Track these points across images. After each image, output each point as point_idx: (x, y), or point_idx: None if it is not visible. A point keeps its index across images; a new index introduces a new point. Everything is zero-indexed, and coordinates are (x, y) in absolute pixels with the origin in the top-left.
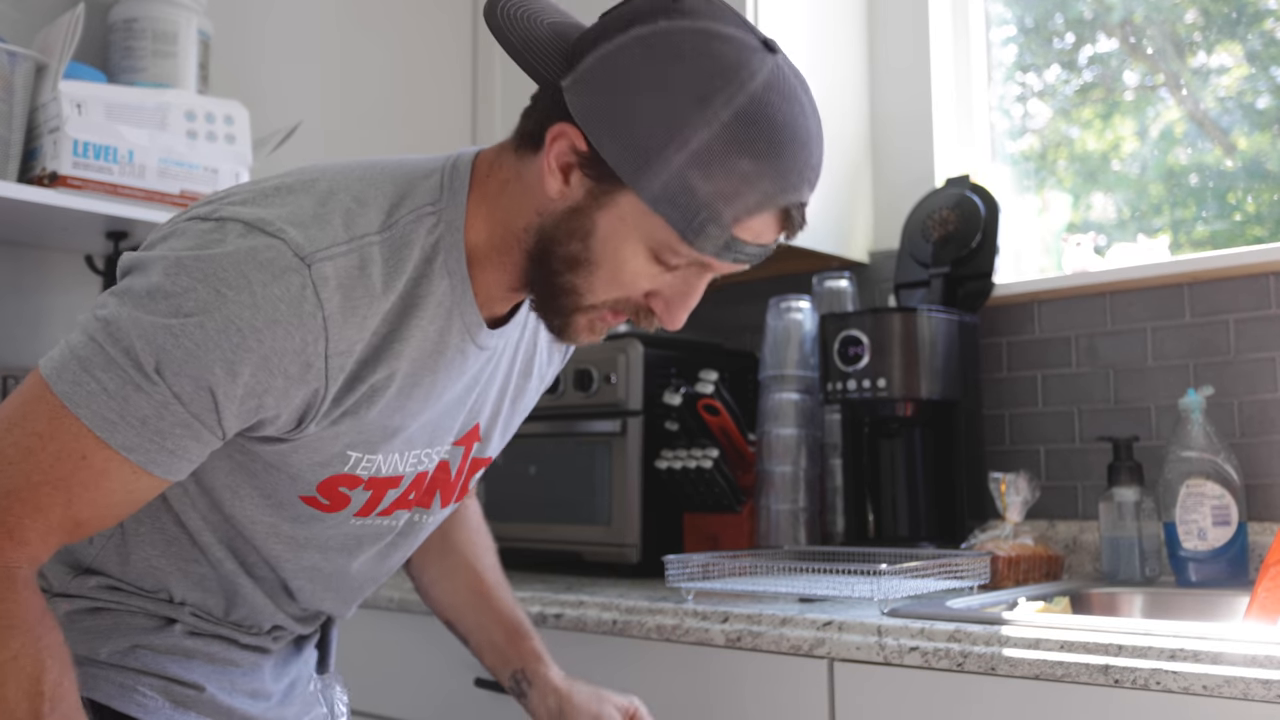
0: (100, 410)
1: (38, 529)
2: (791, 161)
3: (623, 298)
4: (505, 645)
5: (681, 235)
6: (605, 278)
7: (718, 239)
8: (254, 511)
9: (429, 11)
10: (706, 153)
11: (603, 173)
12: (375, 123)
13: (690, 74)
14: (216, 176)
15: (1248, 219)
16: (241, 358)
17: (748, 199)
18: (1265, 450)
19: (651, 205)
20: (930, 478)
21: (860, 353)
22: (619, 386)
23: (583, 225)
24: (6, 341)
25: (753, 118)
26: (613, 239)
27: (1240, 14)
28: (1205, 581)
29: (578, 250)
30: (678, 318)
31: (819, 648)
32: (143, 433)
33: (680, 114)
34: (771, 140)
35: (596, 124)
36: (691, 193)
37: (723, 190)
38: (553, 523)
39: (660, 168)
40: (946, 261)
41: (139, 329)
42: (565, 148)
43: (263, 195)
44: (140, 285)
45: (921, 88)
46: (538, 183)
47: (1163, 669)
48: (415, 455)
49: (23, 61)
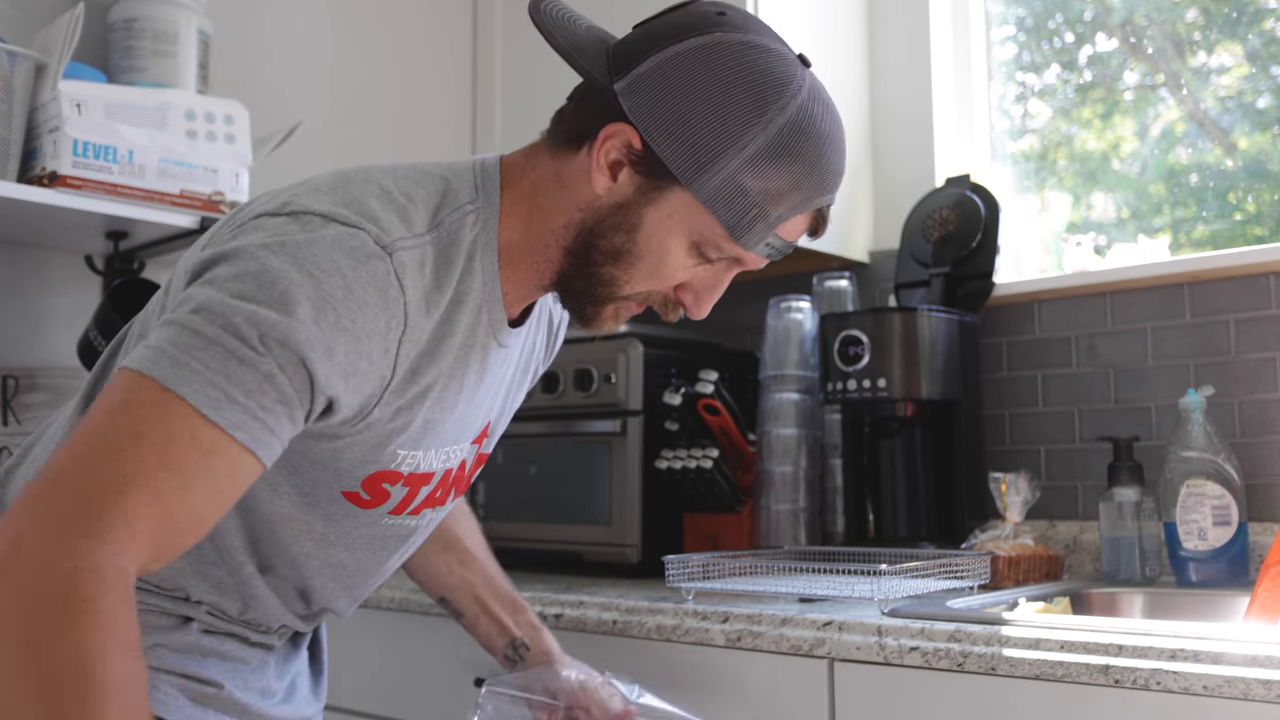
0: (205, 389)
1: (153, 521)
2: (830, 164)
3: (657, 290)
4: (504, 616)
5: (731, 232)
6: (646, 270)
7: (762, 236)
8: (289, 509)
9: (429, 12)
10: (761, 158)
11: (655, 170)
12: (375, 123)
13: (747, 85)
14: (216, 176)
15: (1248, 219)
16: (337, 337)
17: (793, 199)
18: (1265, 450)
19: (706, 203)
20: (930, 478)
21: (860, 353)
22: (619, 386)
23: (629, 220)
24: (6, 341)
25: (801, 126)
26: (659, 233)
27: (1240, 14)
28: (1205, 581)
29: (622, 243)
30: (705, 308)
31: (819, 648)
32: (247, 409)
33: (739, 120)
34: (815, 146)
35: (655, 125)
36: (744, 193)
37: (772, 192)
38: (553, 523)
39: (718, 169)
40: (946, 261)
41: (236, 308)
42: (618, 146)
43: (325, 191)
44: (228, 273)
45: (921, 87)
46: (579, 180)
47: (1163, 669)
48: (446, 452)
49: (22, 61)
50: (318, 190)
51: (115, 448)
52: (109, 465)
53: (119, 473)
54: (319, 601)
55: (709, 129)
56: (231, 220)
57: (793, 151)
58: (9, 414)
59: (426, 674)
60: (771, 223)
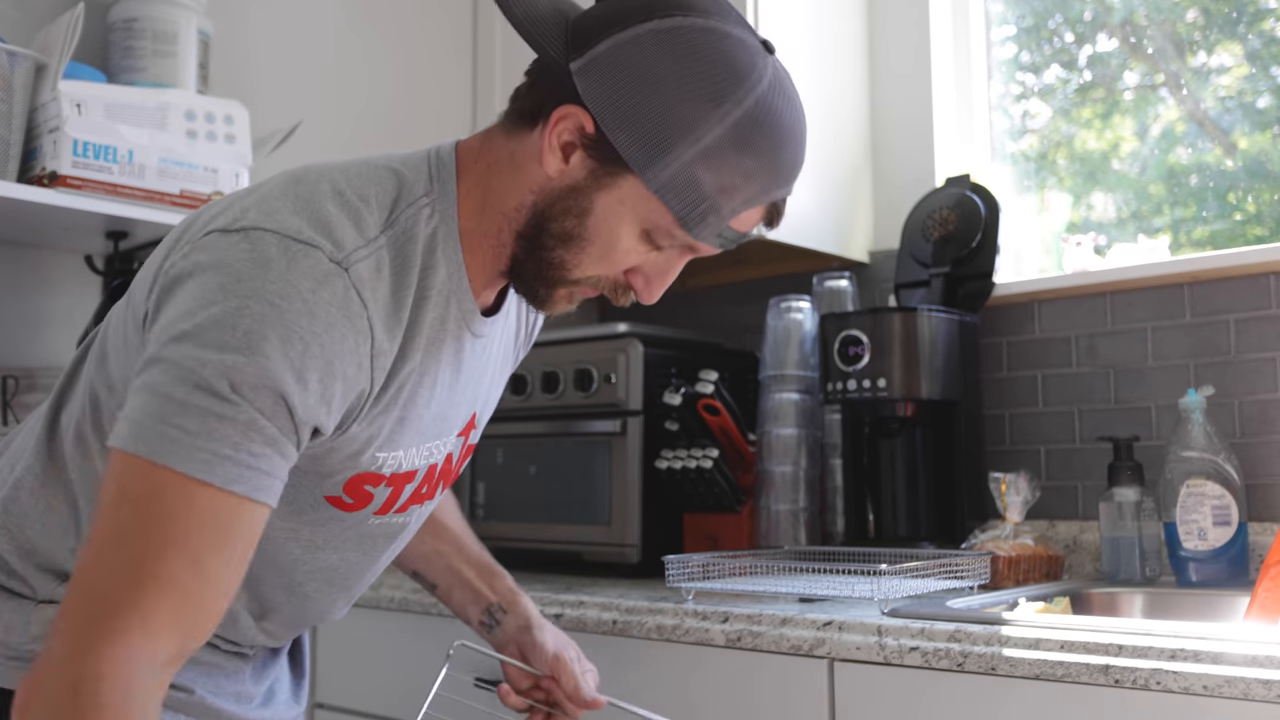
0: (190, 454)
1: (169, 609)
2: (788, 158)
3: (607, 276)
4: (478, 583)
5: (681, 223)
6: (595, 254)
7: (714, 228)
8: (273, 519)
9: (429, 12)
10: (716, 150)
11: (608, 156)
12: (375, 123)
13: (706, 74)
14: (216, 176)
15: (1248, 219)
16: (308, 364)
17: (747, 193)
18: (1265, 450)
19: (658, 193)
20: (930, 478)
21: (860, 353)
22: (619, 386)
23: (579, 204)
24: (6, 341)
25: (758, 119)
26: (609, 219)
27: (1240, 14)
28: (1205, 581)
29: (572, 227)
30: (656, 293)
31: (819, 648)
32: (237, 461)
33: (695, 111)
34: (773, 140)
35: (608, 110)
36: (697, 185)
37: (726, 185)
38: (553, 523)
39: (671, 160)
40: (946, 261)
41: (203, 362)
42: (571, 128)
43: (273, 201)
44: (187, 324)
45: (921, 87)
46: (533, 161)
47: (1163, 669)
48: (428, 448)
49: (22, 61)
50: (269, 200)
51: (123, 540)
52: (120, 561)
53: (129, 567)
54: (315, 604)
55: (664, 119)
56: (188, 230)
57: (750, 145)
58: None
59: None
60: (724, 216)
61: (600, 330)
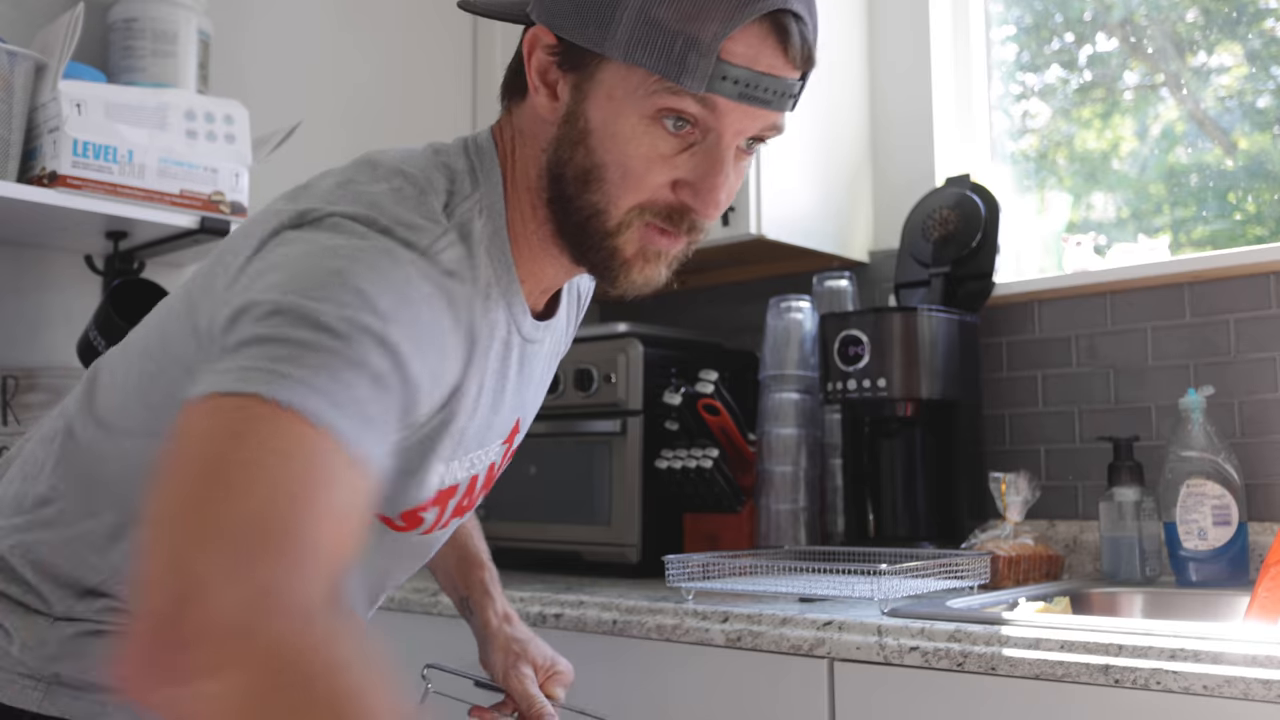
0: (318, 402)
1: (315, 559)
2: None
3: (648, 200)
4: (455, 571)
5: (665, 75)
6: (617, 176)
7: (705, 68)
8: None
9: (429, 12)
10: None
11: (576, 58)
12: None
13: None
14: (216, 176)
15: (1248, 219)
16: (422, 319)
17: (722, 10)
18: (1265, 450)
19: (625, 59)
20: (930, 478)
21: (860, 353)
22: (619, 386)
23: (578, 127)
24: (6, 341)
25: None
26: (608, 123)
27: (1240, 14)
28: (1205, 581)
29: (582, 158)
30: (711, 200)
31: (819, 648)
32: (362, 422)
33: None
34: None
35: (553, 10)
36: (659, 26)
37: (689, 9)
38: (553, 523)
39: (620, 15)
40: (946, 261)
41: (320, 301)
42: (540, 53)
43: (345, 190)
44: (292, 271)
45: (922, 87)
46: (534, 118)
47: (1163, 669)
48: (471, 459)
49: (22, 61)
50: (339, 189)
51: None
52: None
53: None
54: None
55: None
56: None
57: None
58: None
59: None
60: (706, 48)
61: (600, 330)
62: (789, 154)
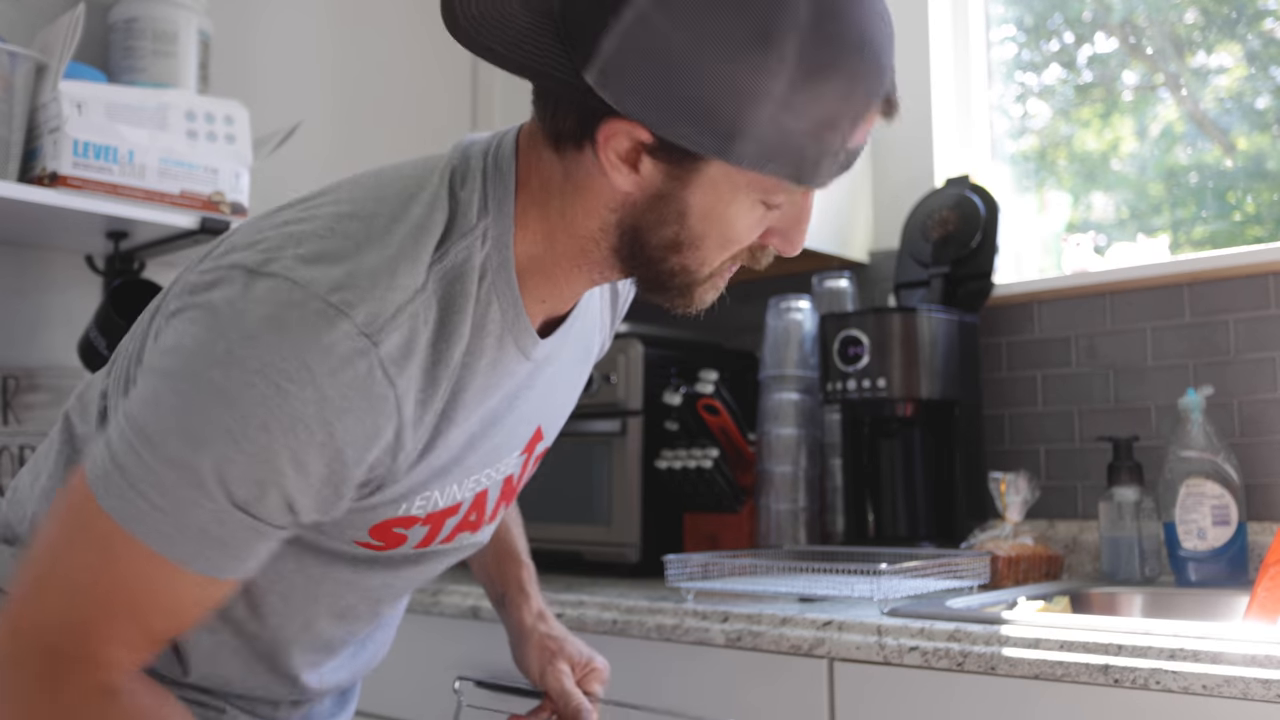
0: (155, 526)
1: (119, 648)
2: (877, 45)
3: (741, 251)
4: (493, 567)
5: (797, 180)
6: (714, 245)
7: (832, 165)
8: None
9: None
10: (791, 94)
11: (679, 154)
12: (375, 123)
13: (734, 19)
14: (216, 176)
15: (1247, 219)
16: (312, 454)
17: (849, 112)
18: (1265, 450)
19: (755, 168)
20: (930, 478)
21: (860, 353)
22: (619, 386)
23: (672, 209)
24: (6, 341)
25: (822, 32)
26: (714, 209)
27: (1240, 14)
28: (1205, 581)
29: (675, 234)
30: (797, 243)
31: (819, 647)
32: (203, 543)
33: (746, 66)
34: (849, 41)
35: (655, 111)
36: (791, 138)
37: (823, 120)
38: (553, 523)
39: (748, 131)
40: (946, 261)
41: (188, 435)
42: (625, 144)
43: (316, 239)
44: (186, 379)
45: (921, 87)
46: (596, 178)
47: (1162, 669)
48: (475, 479)
49: (23, 61)
50: (305, 241)
51: (73, 586)
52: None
53: (76, 616)
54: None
55: (718, 92)
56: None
57: (827, 67)
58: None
59: (425, 674)
60: (837, 149)
61: None
62: None
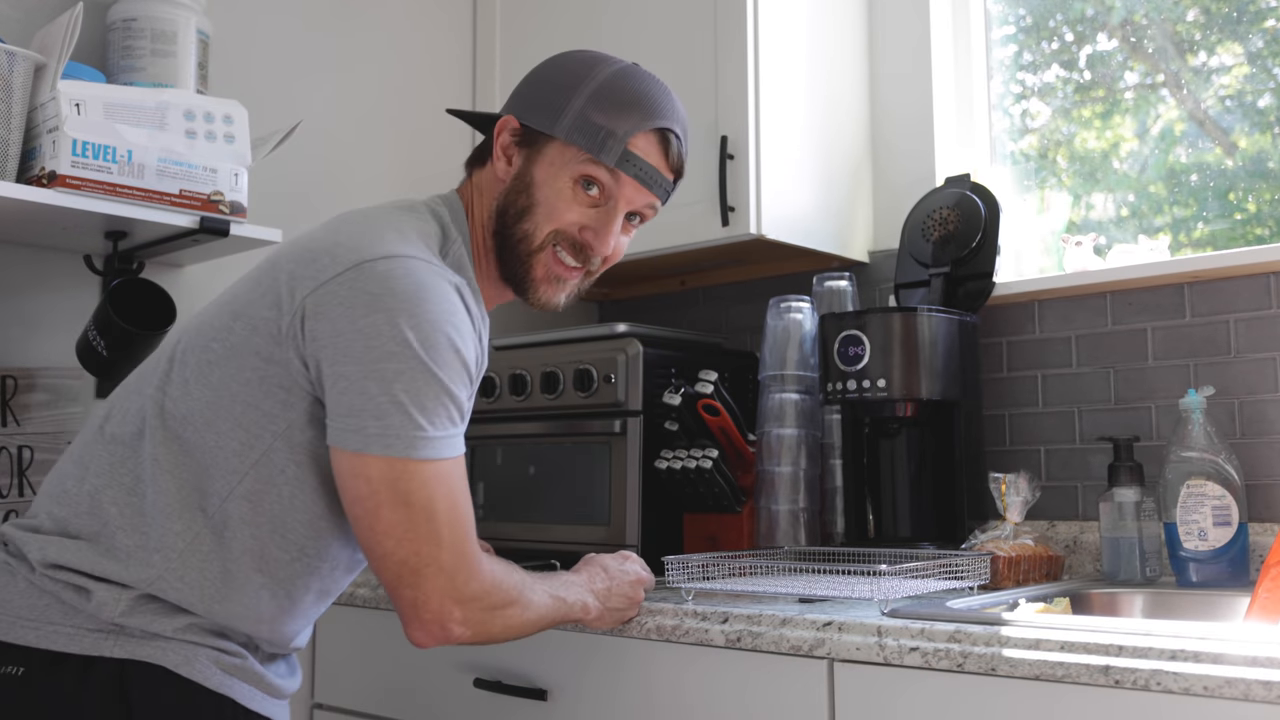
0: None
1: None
2: (656, 97)
3: (562, 228)
4: None
5: (590, 152)
6: (545, 212)
7: (616, 151)
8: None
9: (429, 12)
10: (596, 95)
11: (532, 137)
12: (375, 122)
13: (580, 59)
14: (216, 176)
15: (1248, 219)
16: (469, 346)
17: (633, 118)
18: (1266, 450)
19: (566, 138)
20: (930, 478)
21: (860, 353)
22: (619, 386)
23: (523, 181)
24: (6, 341)
25: (624, 74)
26: (547, 180)
27: (1241, 13)
28: (1206, 582)
29: (523, 201)
30: (604, 240)
31: (819, 648)
32: (460, 433)
33: (576, 77)
34: (638, 86)
35: (524, 105)
36: (591, 121)
37: (613, 114)
38: (553, 523)
39: (566, 111)
40: (946, 261)
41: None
42: (507, 133)
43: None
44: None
45: (921, 87)
46: (491, 179)
47: (1163, 669)
48: None
49: (21, 61)
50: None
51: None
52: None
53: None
54: None
55: (557, 91)
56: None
57: (620, 89)
58: (8, 414)
59: (426, 674)
60: (620, 139)
61: (600, 330)
62: (789, 154)
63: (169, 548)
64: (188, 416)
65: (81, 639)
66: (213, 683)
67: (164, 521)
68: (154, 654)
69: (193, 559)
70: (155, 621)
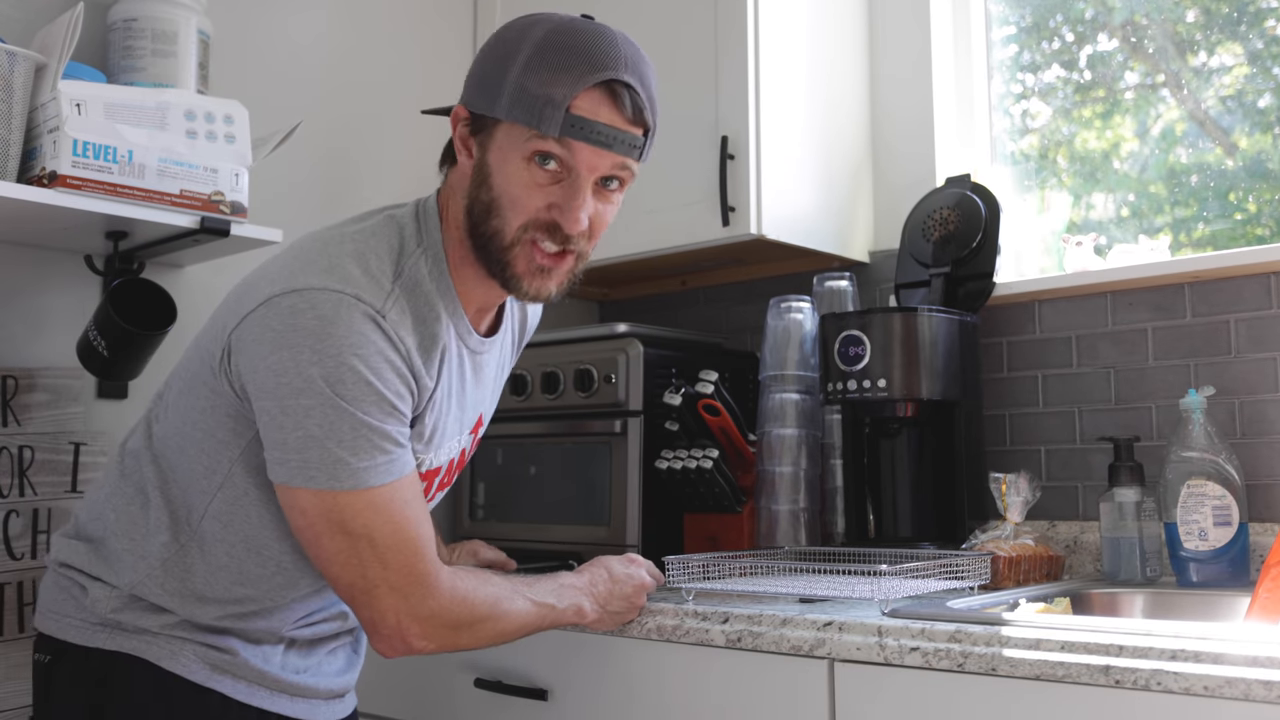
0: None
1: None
2: (593, 50)
3: (530, 218)
4: None
5: (531, 125)
6: (509, 204)
7: (558, 118)
8: None
9: (429, 12)
10: (530, 61)
11: (480, 121)
12: (375, 122)
13: (513, 29)
14: (216, 176)
15: (1248, 219)
16: (389, 381)
17: (570, 78)
18: (1266, 450)
19: (507, 118)
20: (930, 478)
21: (860, 353)
22: (619, 386)
23: (482, 173)
24: (6, 341)
25: (559, 30)
26: (501, 167)
27: (1241, 13)
28: (1206, 582)
29: (486, 195)
30: (573, 215)
31: (819, 648)
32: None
33: (508, 50)
34: (575, 40)
35: (470, 90)
36: (527, 92)
37: (549, 79)
38: (553, 523)
39: (504, 88)
40: (947, 261)
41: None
42: (460, 125)
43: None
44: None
45: (922, 87)
46: (460, 175)
47: (1164, 669)
48: (449, 446)
49: (22, 61)
50: (310, 264)
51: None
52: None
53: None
54: None
55: (492, 69)
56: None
57: (556, 47)
58: (8, 414)
59: (426, 674)
60: (559, 104)
61: (600, 330)
62: (789, 154)
63: (152, 556)
64: (166, 439)
65: (84, 631)
66: (198, 677)
67: (155, 533)
68: (139, 648)
69: (175, 569)
70: (144, 618)
